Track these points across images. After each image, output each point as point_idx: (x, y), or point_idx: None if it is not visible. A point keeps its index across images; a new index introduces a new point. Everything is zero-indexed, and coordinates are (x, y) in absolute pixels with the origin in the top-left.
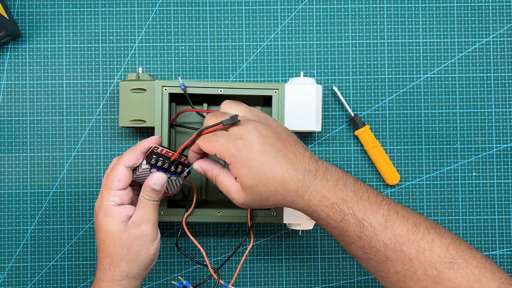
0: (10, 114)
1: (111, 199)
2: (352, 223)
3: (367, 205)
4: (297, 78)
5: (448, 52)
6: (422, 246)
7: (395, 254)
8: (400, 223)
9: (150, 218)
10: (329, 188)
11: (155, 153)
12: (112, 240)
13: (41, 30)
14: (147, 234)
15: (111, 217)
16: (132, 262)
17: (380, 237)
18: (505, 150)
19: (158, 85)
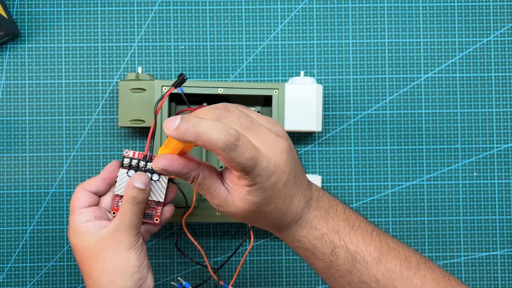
0: (9, 114)
1: (76, 218)
2: (343, 256)
3: (359, 236)
4: (297, 78)
5: (448, 52)
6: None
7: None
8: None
9: (127, 224)
10: (320, 218)
11: (127, 157)
12: (87, 256)
13: (40, 30)
14: (121, 240)
15: (82, 234)
16: (112, 274)
17: (373, 272)
18: (506, 150)
19: (158, 85)
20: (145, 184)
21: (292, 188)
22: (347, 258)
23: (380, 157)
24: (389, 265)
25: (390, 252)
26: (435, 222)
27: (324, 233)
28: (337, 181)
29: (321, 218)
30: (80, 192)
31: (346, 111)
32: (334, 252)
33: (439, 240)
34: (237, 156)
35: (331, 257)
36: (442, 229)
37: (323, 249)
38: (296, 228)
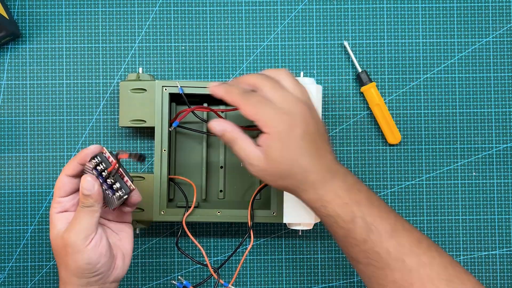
0: (11, 114)
1: (54, 206)
2: (360, 225)
3: (377, 212)
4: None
5: (448, 52)
6: (423, 260)
7: (396, 263)
8: (405, 235)
9: (76, 226)
10: (345, 189)
11: (101, 156)
12: (52, 247)
13: (41, 30)
14: (69, 244)
15: (51, 225)
16: (67, 271)
17: (385, 244)
18: (505, 150)
19: (158, 85)
20: (90, 189)
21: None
22: (364, 228)
23: (379, 157)
24: (401, 241)
25: (403, 231)
26: (434, 221)
27: (346, 203)
28: None
29: (346, 190)
30: (62, 180)
31: (346, 111)
32: (353, 220)
33: (438, 239)
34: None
35: (350, 225)
36: (441, 228)
37: (344, 217)
38: (323, 192)
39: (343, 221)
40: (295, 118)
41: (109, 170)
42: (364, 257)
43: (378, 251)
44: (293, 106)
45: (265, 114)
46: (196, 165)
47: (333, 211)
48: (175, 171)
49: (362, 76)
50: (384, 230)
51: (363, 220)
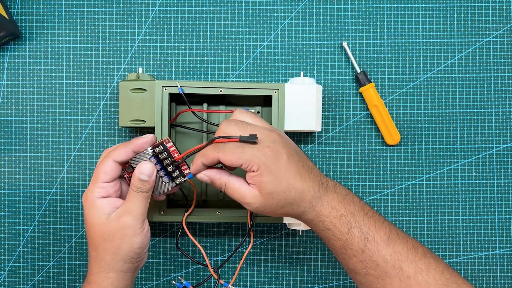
0: (10, 114)
1: (96, 191)
2: (357, 235)
3: (371, 221)
4: (297, 78)
5: (448, 52)
6: (420, 266)
7: (394, 271)
8: (401, 243)
9: (134, 210)
10: (339, 201)
11: (164, 146)
12: (95, 232)
13: (41, 30)
14: (128, 227)
15: (95, 210)
16: (116, 255)
17: (382, 252)
18: (505, 150)
19: (158, 85)
20: (149, 175)
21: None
22: (361, 237)
23: (379, 157)
24: (397, 248)
25: (398, 239)
26: (435, 221)
27: (342, 214)
28: (337, 180)
29: (340, 201)
30: (110, 165)
31: (346, 111)
32: (350, 231)
33: (439, 239)
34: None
35: (347, 236)
36: (441, 228)
37: (341, 228)
38: (320, 208)
39: (340, 232)
40: (275, 147)
41: (178, 159)
42: (362, 267)
43: (376, 259)
44: (268, 137)
45: (246, 155)
46: None
47: (330, 224)
48: None
49: (360, 77)
50: (380, 239)
51: (359, 230)
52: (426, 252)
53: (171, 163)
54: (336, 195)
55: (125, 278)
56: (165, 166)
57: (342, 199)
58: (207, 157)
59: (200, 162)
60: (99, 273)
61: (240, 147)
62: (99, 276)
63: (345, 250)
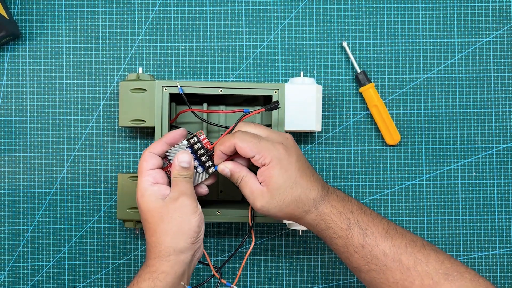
0: (10, 114)
1: (144, 179)
2: (357, 231)
3: (370, 218)
4: (297, 78)
5: (448, 52)
6: (419, 258)
7: (394, 264)
8: (399, 237)
9: (187, 191)
10: (338, 201)
11: (197, 137)
12: (152, 216)
13: (41, 30)
14: (186, 205)
15: (148, 196)
16: (176, 235)
17: (381, 246)
18: (505, 150)
19: (158, 85)
20: (189, 162)
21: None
22: (360, 233)
23: (379, 157)
24: (396, 242)
25: (396, 234)
26: (435, 221)
27: (342, 212)
28: (337, 180)
29: (339, 201)
30: (149, 156)
31: (346, 111)
32: (349, 227)
33: (439, 239)
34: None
35: (347, 232)
36: (441, 228)
37: (341, 225)
38: (322, 207)
39: (340, 229)
40: (288, 145)
41: (211, 148)
42: (364, 263)
43: (376, 254)
44: (280, 136)
45: (261, 145)
46: None
47: (331, 221)
48: None
49: (360, 77)
50: (379, 233)
51: (358, 226)
52: (426, 244)
53: (205, 153)
54: (335, 196)
55: (185, 261)
56: (199, 157)
57: (341, 199)
58: (224, 144)
59: (219, 150)
60: (159, 257)
61: (257, 138)
62: (158, 260)
63: (346, 247)
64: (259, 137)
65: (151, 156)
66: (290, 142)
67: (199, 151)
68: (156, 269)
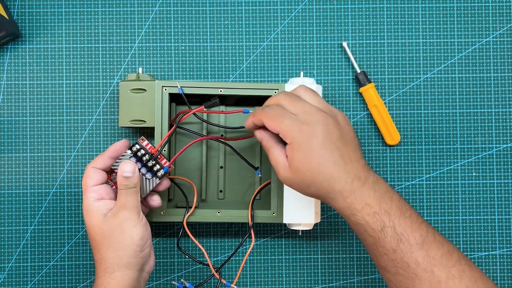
0: (10, 114)
1: (89, 195)
2: (390, 235)
3: (408, 222)
4: (297, 78)
5: (448, 52)
6: (452, 273)
7: (425, 274)
8: (435, 247)
9: (127, 204)
10: (375, 198)
11: (139, 145)
12: (95, 233)
13: (41, 30)
14: (126, 219)
15: (91, 213)
16: (118, 250)
17: (415, 254)
18: (505, 150)
19: (158, 85)
20: (131, 171)
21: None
22: (393, 237)
23: (379, 157)
24: (431, 252)
25: (434, 242)
26: (435, 221)
27: (376, 212)
28: None
29: (375, 199)
30: (92, 171)
31: (346, 111)
32: (383, 230)
33: None
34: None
35: (380, 234)
36: (441, 228)
37: (373, 226)
38: (352, 201)
39: (372, 230)
40: (314, 127)
41: (155, 151)
42: (392, 266)
43: (407, 261)
44: (312, 116)
45: (285, 125)
46: (196, 165)
47: (363, 220)
48: (175, 171)
49: (360, 77)
50: (414, 241)
51: (393, 230)
52: (462, 258)
53: (150, 158)
54: (373, 192)
55: (131, 277)
56: (146, 163)
57: (379, 196)
58: (256, 116)
59: (251, 120)
60: (105, 275)
61: (282, 116)
62: (104, 278)
63: (376, 247)
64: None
65: (94, 171)
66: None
67: (143, 158)
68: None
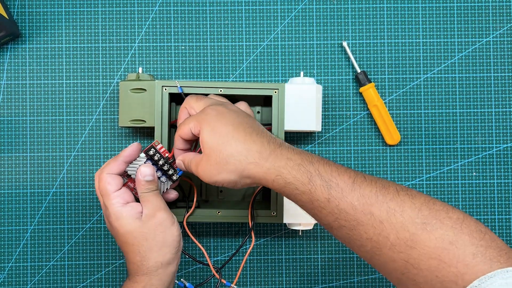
0: (10, 114)
1: (114, 201)
2: (319, 184)
3: (333, 167)
4: (297, 78)
5: (448, 52)
6: (392, 207)
7: (365, 217)
8: (368, 185)
9: (160, 205)
10: (295, 153)
11: (154, 148)
12: (135, 237)
13: (41, 30)
14: (165, 219)
15: (124, 219)
16: (162, 248)
17: (348, 198)
18: (505, 150)
19: (158, 85)
20: (152, 175)
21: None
22: (324, 186)
23: (379, 157)
24: (364, 191)
25: (365, 181)
26: None
27: (300, 164)
28: None
29: (296, 153)
30: (110, 177)
31: (346, 111)
32: (311, 181)
33: None
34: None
35: (309, 186)
36: None
37: (301, 178)
38: (274, 159)
39: (301, 184)
40: (220, 107)
41: (170, 156)
42: (333, 219)
43: (344, 207)
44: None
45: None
46: None
47: (289, 175)
48: None
49: (360, 77)
50: (344, 184)
51: (321, 178)
52: (399, 189)
53: (165, 162)
54: (292, 149)
55: (172, 271)
56: (161, 167)
57: (298, 152)
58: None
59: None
60: (148, 273)
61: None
62: (147, 275)
63: (312, 203)
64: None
65: (112, 177)
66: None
67: (159, 162)
68: (145, 284)
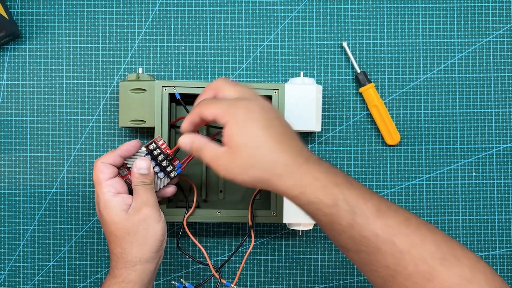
0: (10, 114)
1: (105, 190)
2: (344, 208)
3: (359, 193)
4: (297, 78)
5: (448, 52)
6: (414, 240)
7: (386, 246)
8: (392, 215)
9: (149, 201)
10: (322, 172)
11: (156, 143)
12: (118, 229)
13: (41, 30)
14: (150, 216)
15: (111, 208)
16: (142, 245)
17: (372, 226)
18: (505, 150)
19: (158, 85)
20: (147, 168)
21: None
22: (348, 211)
23: (379, 157)
24: (388, 222)
25: (389, 211)
26: (434, 222)
27: (326, 185)
28: None
29: (323, 172)
30: (103, 165)
31: (346, 111)
32: (336, 204)
33: None
34: None
35: (333, 209)
36: (441, 228)
37: (326, 200)
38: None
39: (325, 206)
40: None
41: (171, 153)
42: (353, 243)
43: (366, 235)
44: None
45: (222, 106)
46: (196, 165)
47: (314, 196)
48: None
49: (360, 77)
50: (369, 212)
51: (346, 203)
52: (421, 224)
53: (165, 158)
54: (318, 166)
55: (151, 270)
56: (159, 162)
57: (325, 170)
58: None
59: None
60: (125, 267)
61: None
62: (125, 269)
63: (332, 225)
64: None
65: (105, 166)
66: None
67: (159, 157)
68: (123, 279)
